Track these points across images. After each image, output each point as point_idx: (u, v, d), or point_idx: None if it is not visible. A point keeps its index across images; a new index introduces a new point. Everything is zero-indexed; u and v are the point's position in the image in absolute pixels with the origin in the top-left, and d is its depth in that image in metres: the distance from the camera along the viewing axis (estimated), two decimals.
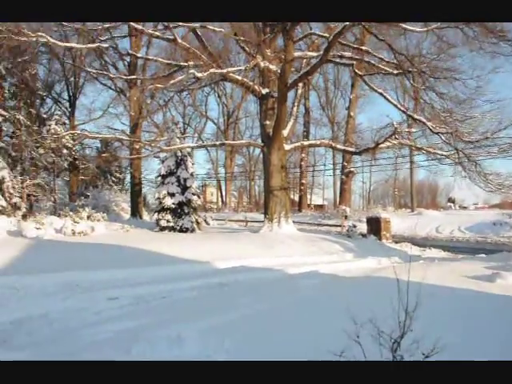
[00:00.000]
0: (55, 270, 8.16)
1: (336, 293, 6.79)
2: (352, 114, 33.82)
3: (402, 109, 19.43)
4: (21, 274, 7.55)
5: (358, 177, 50.37)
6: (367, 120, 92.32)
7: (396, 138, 17.43)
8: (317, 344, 3.71)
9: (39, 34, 16.95)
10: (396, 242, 17.88)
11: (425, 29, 15.54)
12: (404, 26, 15.25)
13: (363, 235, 18.30)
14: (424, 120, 17.31)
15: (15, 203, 16.83)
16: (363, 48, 18.70)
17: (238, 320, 5.05)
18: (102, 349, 3.94)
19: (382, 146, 17.69)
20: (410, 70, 16.64)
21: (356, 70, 19.63)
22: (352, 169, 34.40)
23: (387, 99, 18.96)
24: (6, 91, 18.47)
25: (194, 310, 5.76)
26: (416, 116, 17.96)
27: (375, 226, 18.50)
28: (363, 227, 19.71)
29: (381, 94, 19.24)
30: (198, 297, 7.09)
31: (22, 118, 18.75)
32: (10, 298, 6.51)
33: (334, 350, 2.87)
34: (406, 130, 19.43)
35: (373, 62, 18.47)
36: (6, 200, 16.27)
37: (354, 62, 18.93)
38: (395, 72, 17.97)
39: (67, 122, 27.54)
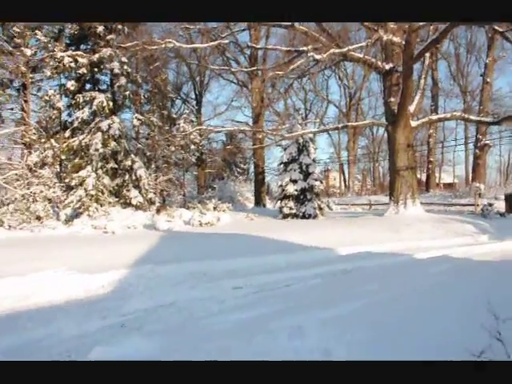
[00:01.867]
0: (183, 260, 8.57)
1: (471, 280, 6.18)
2: (488, 79, 30.36)
3: None
4: (153, 264, 8.06)
5: (494, 150, 45.17)
6: (507, 85, 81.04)
7: None
8: (451, 340, 3.37)
9: (167, 40, 18.45)
10: None
11: None
12: None
13: (501, 214, 16.42)
14: None
15: (150, 198, 18.43)
16: None
17: (362, 309, 4.84)
18: (224, 339, 3.99)
19: None
20: None
21: (495, 27, 17.44)
22: (488, 141, 31.04)
23: None
24: (142, 97, 20.39)
25: (316, 299, 5.60)
26: None
27: None
28: (501, 205, 17.77)
29: None
30: (322, 284, 6.88)
31: (155, 120, 20.53)
32: (144, 287, 7.00)
33: (472, 349, 2.61)
34: None
35: None
36: (142, 196, 17.92)
37: None
38: None
39: (194, 119, 29.42)
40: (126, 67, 18.28)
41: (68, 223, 15.61)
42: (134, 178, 18.06)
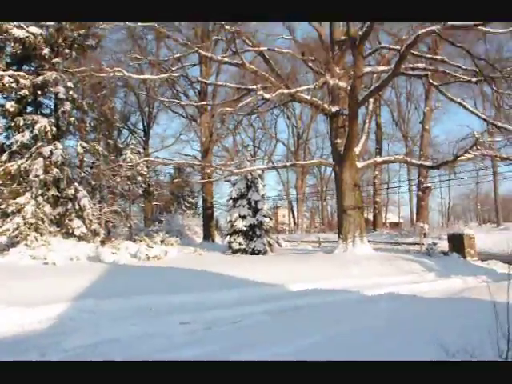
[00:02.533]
0: (129, 295, 8.25)
1: (420, 316, 6.25)
2: (427, 127, 32.48)
3: (484, 117, 18.11)
4: (97, 298, 7.70)
5: (435, 192, 47.73)
6: (443, 132, 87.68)
7: (478, 149, 16.18)
8: None
9: (116, 69, 18.17)
10: (482, 260, 16.48)
11: (508, 29, 14.42)
12: (484, 29, 14.28)
13: (445, 253, 17.06)
14: (510, 127, 15.96)
15: (94, 229, 17.67)
16: (438, 57, 17.79)
17: (314, 345, 4.77)
18: None
19: (461, 158, 16.50)
20: (492, 75, 15.50)
21: (431, 81, 18.71)
22: (429, 184, 32.84)
23: (466, 108, 17.83)
24: (88, 125, 19.77)
25: (267, 336, 5.57)
26: (500, 124, 16.63)
27: (458, 242, 17.31)
28: (444, 245, 18.46)
29: (459, 103, 18.14)
30: (271, 321, 6.86)
31: (100, 148, 19.88)
32: (86, 321, 6.65)
33: None
34: (489, 139, 18.01)
35: (448, 71, 17.50)
36: (86, 227, 17.13)
37: (429, 73, 18.05)
38: (474, 80, 16.89)
39: (142, 150, 28.93)
40: (71, 92, 17.68)
41: (3, 252, 14.69)
42: (77, 207, 17.25)
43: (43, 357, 4.88)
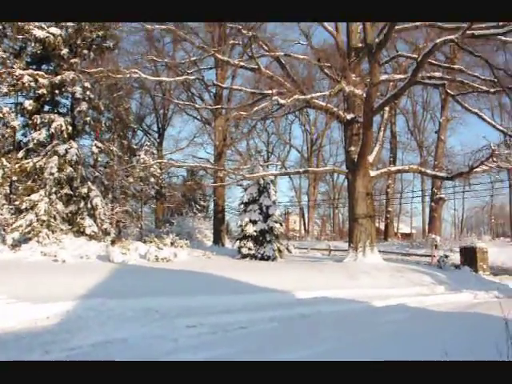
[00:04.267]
0: (136, 295, 8.26)
1: (428, 330, 6.13)
2: (442, 137, 32.12)
3: (501, 128, 17.84)
4: (105, 298, 7.70)
5: (449, 204, 47.10)
6: (459, 143, 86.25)
7: (494, 161, 15.93)
8: None
9: (133, 70, 18.35)
10: (494, 275, 16.22)
11: None
12: (504, 38, 14.10)
13: (456, 266, 16.77)
14: None
15: (105, 229, 17.78)
16: (455, 67, 17.58)
17: (320, 355, 4.69)
18: None
19: (477, 169, 16.26)
20: (511, 86, 15.26)
21: (447, 90, 18.48)
22: (442, 195, 32.41)
23: (483, 119, 17.56)
24: (103, 125, 19.96)
25: (273, 343, 5.52)
26: None
27: (470, 256, 17.02)
28: (456, 258, 18.19)
29: (476, 113, 17.89)
30: (278, 328, 6.80)
31: (115, 149, 20.07)
32: (93, 320, 6.64)
33: None
34: (506, 151, 17.72)
35: (466, 80, 17.28)
36: (97, 226, 17.26)
37: (445, 82, 17.84)
38: (492, 90, 16.65)
39: (155, 152, 29.07)
40: (88, 93, 17.87)
41: (15, 248, 14.89)
42: (89, 206, 17.40)
43: (48, 354, 4.86)
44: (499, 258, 21.74)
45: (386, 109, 19.84)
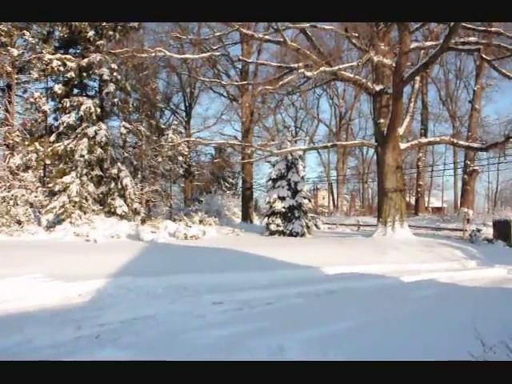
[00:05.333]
0: (165, 273, 8.41)
1: (458, 305, 6.02)
2: (477, 106, 30.80)
3: None
4: (134, 276, 7.90)
5: (482, 176, 45.63)
6: (494, 112, 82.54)
7: None
8: None
9: (158, 49, 18.30)
10: None
11: None
12: None
13: (489, 241, 16.31)
14: None
15: (135, 208, 18.15)
16: (492, 29, 16.52)
17: (345, 331, 4.76)
18: (202, 355, 3.89)
19: None
20: None
21: (483, 56, 17.61)
22: (476, 167, 31.36)
23: None
24: (131, 105, 20.15)
25: (298, 319, 5.53)
26: None
27: (503, 230, 16.49)
28: (489, 232, 17.64)
29: None
30: (305, 304, 6.79)
31: (143, 129, 20.29)
32: (123, 298, 6.84)
33: None
34: None
35: (504, 44, 16.34)
36: (128, 206, 17.65)
37: (481, 47, 16.95)
38: None
39: (183, 131, 29.18)
40: (115, 74, 18.05)
41: (49, 229, 15.41)
42: (119, 186, 17.75)
43: (79, 330, 5.05)
44: None
45: (417, 78, 19.18)
